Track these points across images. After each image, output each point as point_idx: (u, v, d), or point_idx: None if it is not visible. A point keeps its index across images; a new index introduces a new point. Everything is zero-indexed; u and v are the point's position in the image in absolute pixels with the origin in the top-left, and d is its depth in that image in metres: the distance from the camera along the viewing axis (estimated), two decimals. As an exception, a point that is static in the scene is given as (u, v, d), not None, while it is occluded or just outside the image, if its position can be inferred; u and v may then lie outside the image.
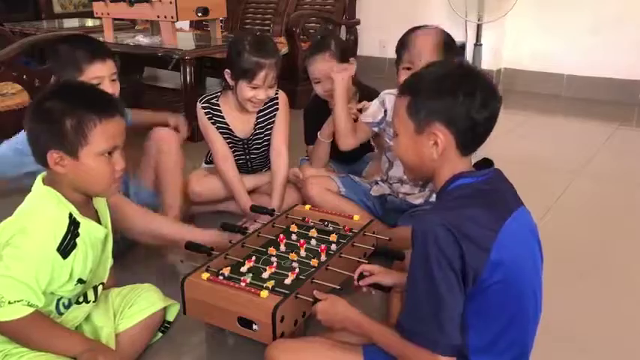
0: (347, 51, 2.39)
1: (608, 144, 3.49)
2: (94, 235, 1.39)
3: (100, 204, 1.49)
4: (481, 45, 4.53)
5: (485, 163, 1.28)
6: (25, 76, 2.68)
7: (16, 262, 1.25)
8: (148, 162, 2.27)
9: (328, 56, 2.28)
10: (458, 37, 4.56)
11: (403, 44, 1.97)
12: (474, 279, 1.13)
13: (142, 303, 1.56)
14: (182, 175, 2.30)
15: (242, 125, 2.36)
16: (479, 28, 4.50)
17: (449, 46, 1.93)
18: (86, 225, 1.36)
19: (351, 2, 4.59)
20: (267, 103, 2.33)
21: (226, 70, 2.23)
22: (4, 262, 1.25)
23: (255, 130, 2.37)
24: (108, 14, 3.58)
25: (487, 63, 4.62)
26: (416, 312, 1.17)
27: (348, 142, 2.21)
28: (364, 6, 4.83)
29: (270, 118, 2.36)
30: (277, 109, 2.35)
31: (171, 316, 1.65)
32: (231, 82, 2.23)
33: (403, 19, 3.73)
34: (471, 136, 1.23)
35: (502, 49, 4.74)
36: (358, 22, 4.63)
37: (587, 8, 4.30)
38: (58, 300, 1.38)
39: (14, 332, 1.28)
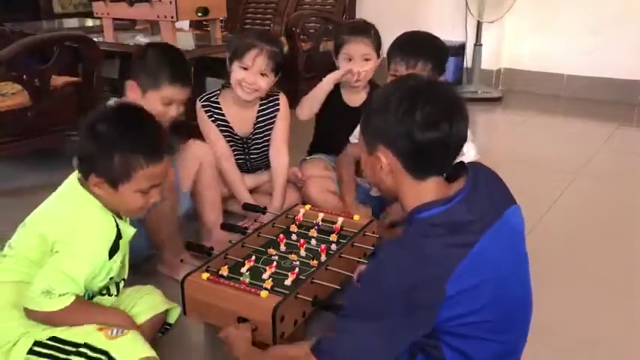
0: (380, 45, 2.42)
1: (608, 144, 3.49)
2: (128, 235, 1.45)
3: None
4: (481, 45, 4.53)
5: (461, 169, 1.18)
6: (25, 76, 2.66)
7: (70, 259, 1.33)
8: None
9: (369, 41, 2.33)
10: (458, 37, 4.60)
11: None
12: (432, 308, 1.05)
13: (144, 305, 1.55)
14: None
15: (242, 123, 2.36)
16: (479, 28, 4.49)
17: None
18: (124, 227, 1.43)
19: (351, 2, 4.58)
20: (267, 103, 2.35)
21: (226, 52, 2.30)
22: (60, 257, 1.32)
23: (255, 129, 2.37)
24: (108, 14, 3.58)
25: (487, 63, 4.62)
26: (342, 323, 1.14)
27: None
28: (364, 6, 4.83)
29: (271, 118, 2.37)
30: (278, 109, 2.37)
31: (172, 319, 1.63)
32: (230, 67, 2.27)
33: (403, 19, 3.73)
34: (415, 159, 1.11)
35: (502, 49, 4.74)
36: (358, 22, 4.63)
37: (587, 8, 4.30)
38: (85, 291, 1.43)
39: (62, 319, 1.35)
